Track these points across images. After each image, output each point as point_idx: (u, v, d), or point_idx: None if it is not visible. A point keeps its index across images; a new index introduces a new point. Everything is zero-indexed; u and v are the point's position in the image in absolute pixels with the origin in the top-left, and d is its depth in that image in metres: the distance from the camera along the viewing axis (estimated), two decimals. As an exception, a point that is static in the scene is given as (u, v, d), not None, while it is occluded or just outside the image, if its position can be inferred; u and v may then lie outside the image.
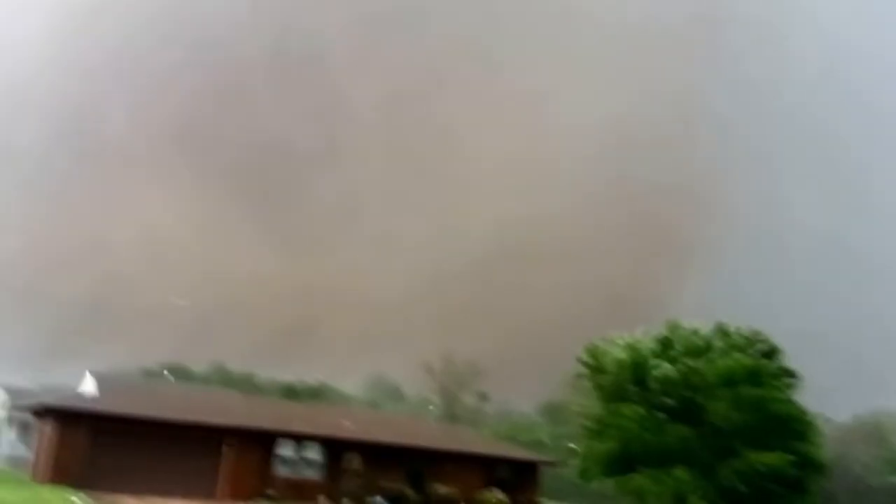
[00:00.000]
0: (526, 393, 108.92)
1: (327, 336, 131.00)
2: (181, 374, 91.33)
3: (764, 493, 42.52)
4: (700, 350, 45.29)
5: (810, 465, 41.42)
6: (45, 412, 40.53)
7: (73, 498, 30.50)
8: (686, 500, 45.86)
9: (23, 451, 51.93)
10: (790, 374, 43.09)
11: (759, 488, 42.20)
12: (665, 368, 43.85)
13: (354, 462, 42.14)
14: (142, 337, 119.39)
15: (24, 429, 57.11)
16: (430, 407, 62.57)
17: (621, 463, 46.55)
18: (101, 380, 61.98)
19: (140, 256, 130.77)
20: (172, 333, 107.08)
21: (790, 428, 42.18)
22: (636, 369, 45.81)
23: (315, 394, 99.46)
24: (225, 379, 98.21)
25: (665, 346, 45.86)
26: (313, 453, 41.65)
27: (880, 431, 77.45)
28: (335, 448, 42.08)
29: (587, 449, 48.25)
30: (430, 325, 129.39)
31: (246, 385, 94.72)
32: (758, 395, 41.77)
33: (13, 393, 64.41)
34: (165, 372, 77.28)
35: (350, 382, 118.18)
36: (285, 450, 41.19)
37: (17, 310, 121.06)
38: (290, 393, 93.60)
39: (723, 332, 45.72)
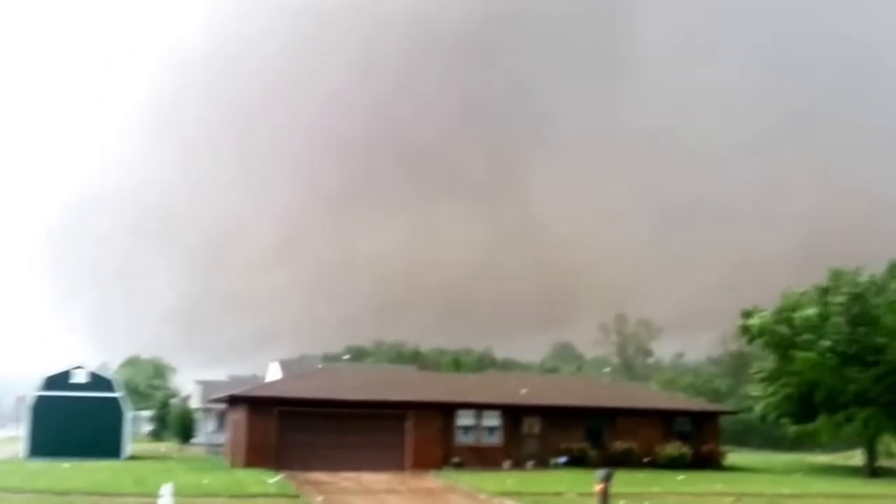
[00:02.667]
0: (698, 347, 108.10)
1: (500, 307, 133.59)
2: (358, 355, 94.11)
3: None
4: (864, 292, 44.16)
5: None
6: (236, 401, 42.64)
7: (268, 478, 32.00)
8: (875, 440, 45.16)
9: (219, 439, 54.84)
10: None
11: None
12: (808, 312, 43.24)
13: (534, 425, 42.53)
14: (320, 325, 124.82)
15: (219, 419, 60.29)
16: (606, 369, 62.48)
17: (802, 407, 45.93)
18: (285, 367, 64.80)
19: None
20: (349, 320, 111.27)
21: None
22: (787, 318, 45.31)
23: (488, 363, 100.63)
24: (399, 356, 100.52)
25: (824, 293, 44.81)
26: (493, 420, 42.25)
27: None
28: (514, 414, 42.55)
29: (765, 395, 47.74)
30: (606, 289, 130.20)
31: (422, 360, 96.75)
32: None
33: (207, 386, 68.08)
34: (346, 357, 79.76)
35: (527, 349, 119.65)
36: (466, 419, 41.95)
37: (209, 311, 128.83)
38: (464, 364, 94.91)
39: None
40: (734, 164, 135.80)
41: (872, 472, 44.45)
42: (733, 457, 47.97)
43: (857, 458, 50.78)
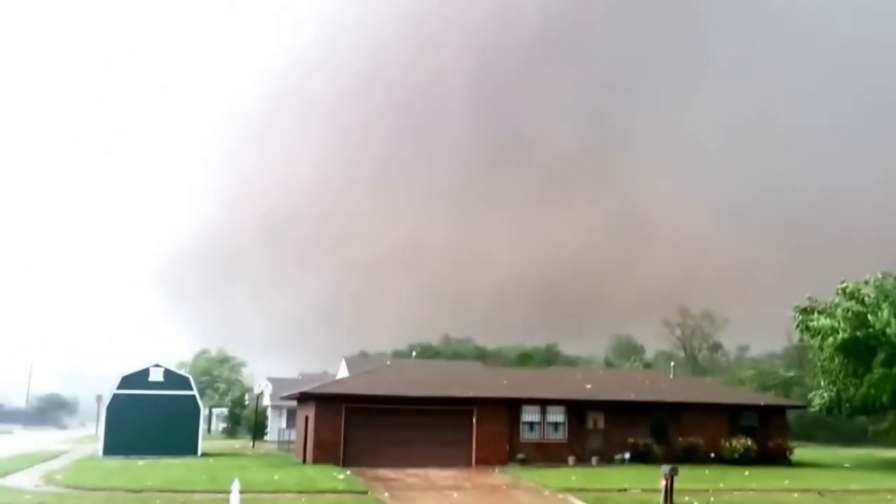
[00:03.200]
0: (767, 339, 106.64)
1: (566, 303, 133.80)
2: (427, 352, 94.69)
3: None
4: None
5: None
6: (305, 399, 43.50)
7: (337, 474, 32.72)
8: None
9: (290, 436, 55.83)
10: None
11: None
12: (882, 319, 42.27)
13: (598, 421, 42.67)
14: (391, 321, 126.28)
15: (290, 416, 61.39)
16: (672, 363, 62.32)
17: (870, 405, 45.09)
18: (351, 364, 65.74)
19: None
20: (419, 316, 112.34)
21: None
22: (861, 323, 44.13)
23: (552, 358, 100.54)
24: (468, 352, 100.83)
25: (886, 295, 43.73)
26: (557, 416, 42.48)
27: None
28: (578, 409, 42.73)
29: (832, 391, 46.78)
30: (664, 285, 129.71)
31: (490, 357, 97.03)
32: None
33: (277, 383, 69.30)
34: (413, 353, 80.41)
35: (590, 345, 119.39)
36: (530, 415, 42.25)
37: (276, 306, 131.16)
38: (528, 359, 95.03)
39: None
40: (828, 154, 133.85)
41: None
42: (800, 452, 47.36)
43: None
